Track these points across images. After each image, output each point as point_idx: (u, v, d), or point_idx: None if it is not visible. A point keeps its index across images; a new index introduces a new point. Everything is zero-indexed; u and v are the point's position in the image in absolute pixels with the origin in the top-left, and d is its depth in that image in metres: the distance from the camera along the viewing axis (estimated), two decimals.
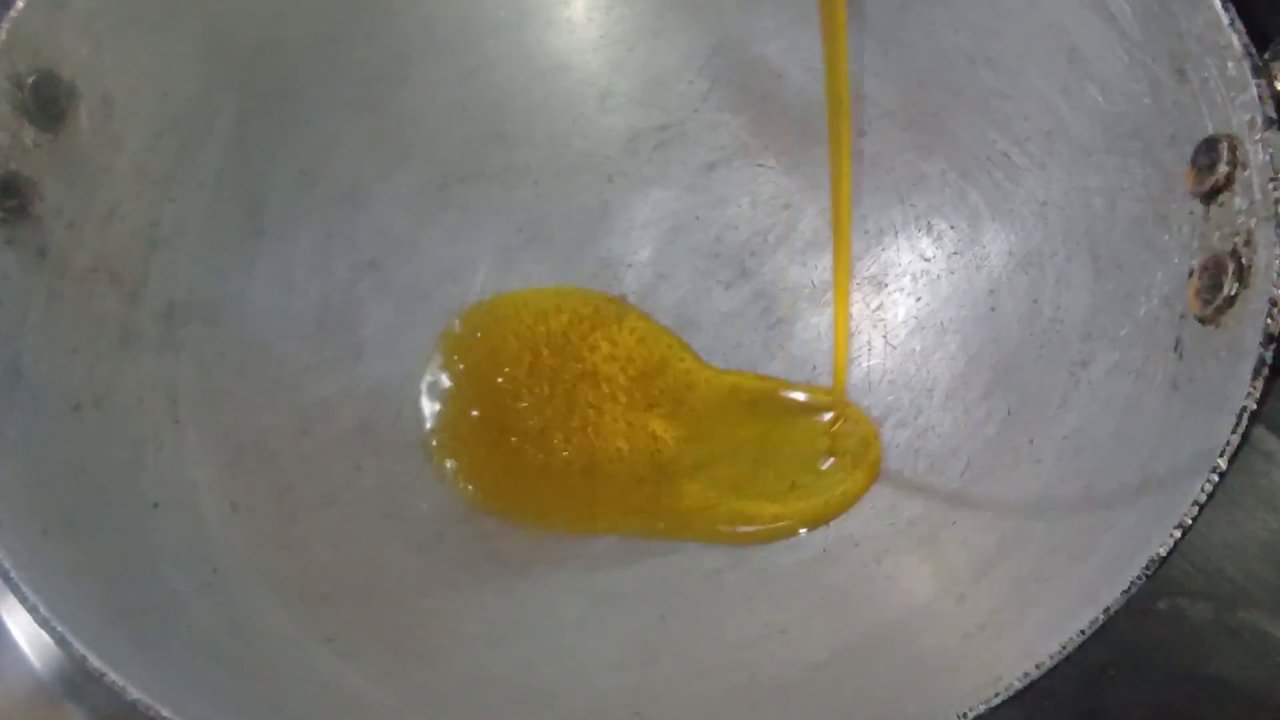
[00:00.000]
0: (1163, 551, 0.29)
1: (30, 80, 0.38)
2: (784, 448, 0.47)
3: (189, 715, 0.31)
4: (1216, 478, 0.30)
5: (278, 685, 0.35)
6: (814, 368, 0.47)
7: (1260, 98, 0.31)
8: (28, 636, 0.47)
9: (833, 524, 0.43)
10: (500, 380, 0.49)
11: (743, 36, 0.48)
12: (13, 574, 0.32)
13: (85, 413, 0.39)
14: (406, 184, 0.49)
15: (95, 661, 0.31)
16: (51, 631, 0.32)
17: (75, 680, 0.46)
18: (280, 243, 0.47)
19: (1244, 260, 0.31)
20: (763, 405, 0.48)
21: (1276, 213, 0.30)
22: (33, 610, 0.32)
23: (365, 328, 0.49)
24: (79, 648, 0.31)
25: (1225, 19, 0.32)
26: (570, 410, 0.48)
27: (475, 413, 0.48)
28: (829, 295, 0.48)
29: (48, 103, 0.38)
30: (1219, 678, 0.44)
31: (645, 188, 0.50)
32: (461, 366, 0.49)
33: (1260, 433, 0.46)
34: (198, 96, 0.43)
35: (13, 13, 0.37)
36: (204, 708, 0.31)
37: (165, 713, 0.30)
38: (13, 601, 0.47)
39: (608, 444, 0.48)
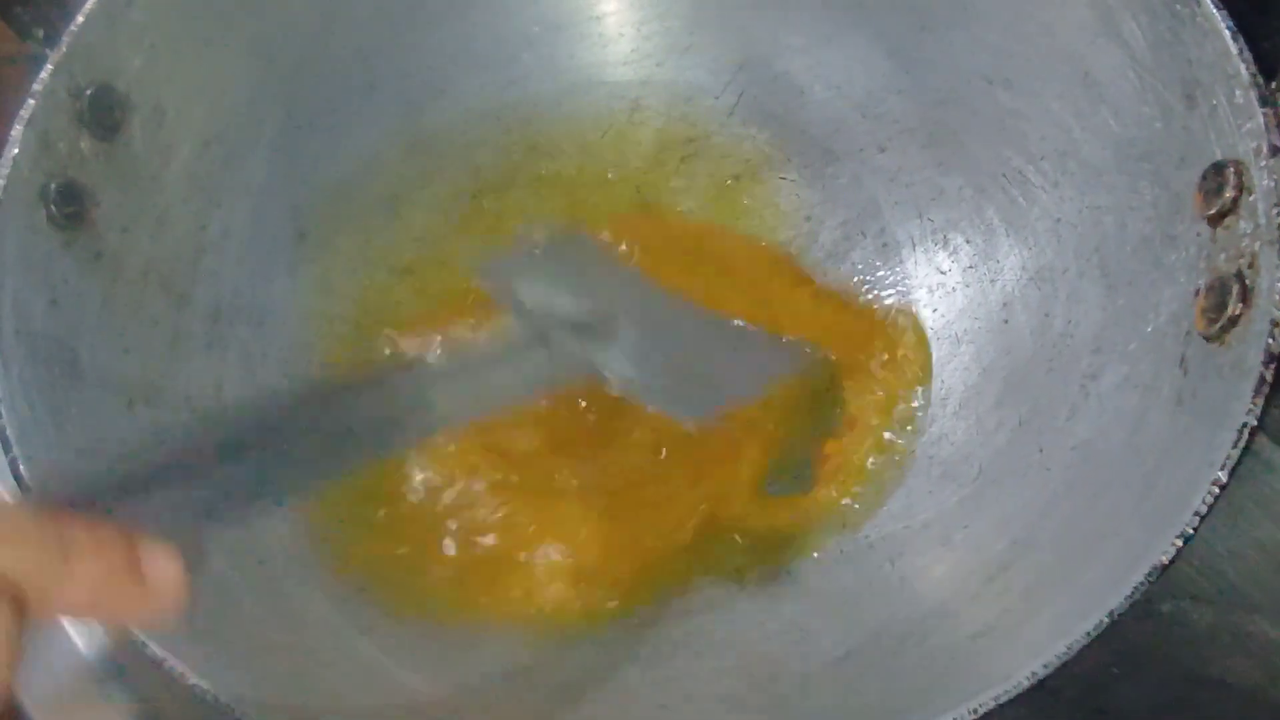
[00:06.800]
0: (1165, 559, 0.31)
1: (88, 92, 0.39)
2: None
3: (245, 701, 0.32)
4: (1217, 490, 0.31)
5: (326, 671, 0.37)
6: None
7: (1266, 126, 0.32)
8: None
9: (849, 527, 0.44)
10: None
11: (768, 54, 0.49)
12: None
13: (138, 410, 0.40)
14: (442, 192, 0.51)
15: (156, 649, 0.32)
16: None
17: (119, 663, 0.47)
18: (321, 248, 0.49)
19: (1248, 282, 0.32)
20: None
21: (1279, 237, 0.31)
22: None
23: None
24: (141, 635, 0.32)
25: (1234, 49, 0.33)
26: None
27: None
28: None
29: (104, 113, 0.40)
30: (1220, 679, 0.44)
31: (672, 198, 0.52)
32: None
33: (1262, 442, 0.46)
34: (245, 107, 0.45)
35: (73, 27, 0.39)
36: (259, 694, 0.32)
37: (223, 699, 0.32)
38: None
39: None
